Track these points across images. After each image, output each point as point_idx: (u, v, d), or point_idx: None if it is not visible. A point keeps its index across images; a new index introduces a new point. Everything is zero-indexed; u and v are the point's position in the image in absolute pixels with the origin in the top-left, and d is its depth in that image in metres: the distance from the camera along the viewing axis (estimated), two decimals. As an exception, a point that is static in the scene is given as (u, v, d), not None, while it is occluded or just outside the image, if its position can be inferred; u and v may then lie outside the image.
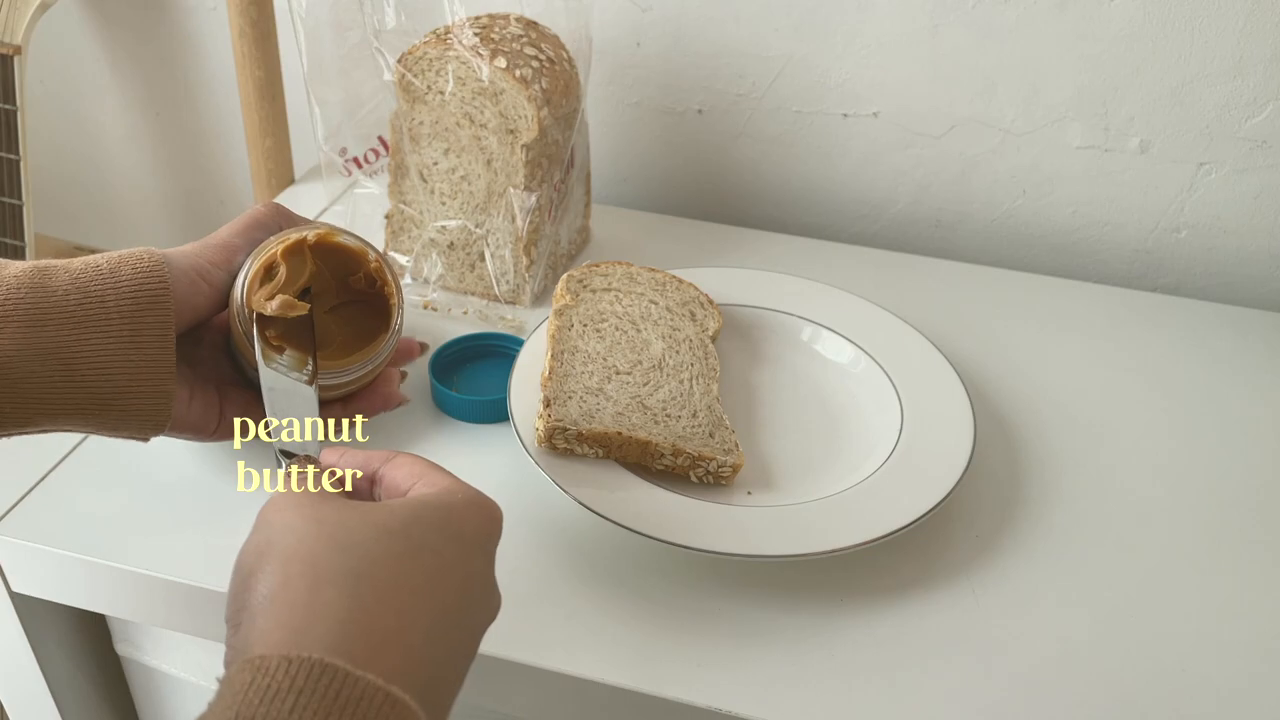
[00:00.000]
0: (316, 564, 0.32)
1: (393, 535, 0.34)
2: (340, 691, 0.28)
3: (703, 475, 0.59)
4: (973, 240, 0.91)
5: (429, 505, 0.36)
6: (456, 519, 0.36)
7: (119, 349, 0.43)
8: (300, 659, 0.28)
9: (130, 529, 0.58)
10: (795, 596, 0.55)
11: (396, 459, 0.40)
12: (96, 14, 1.04)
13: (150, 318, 0.44)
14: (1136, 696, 0.51)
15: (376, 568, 0.32)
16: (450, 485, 0.38)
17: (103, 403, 0.44)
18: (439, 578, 0.34)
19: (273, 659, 0.28)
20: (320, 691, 0.28)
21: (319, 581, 0.31)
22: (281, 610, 0.31)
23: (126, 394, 0.44)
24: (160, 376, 0.45)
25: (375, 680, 0.29)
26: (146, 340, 0.44)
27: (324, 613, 0.30)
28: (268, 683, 0.28)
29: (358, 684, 0.28)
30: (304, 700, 0.27)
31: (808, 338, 0.72)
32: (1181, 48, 0.78)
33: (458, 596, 0.34)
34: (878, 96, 0.86)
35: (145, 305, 0.44)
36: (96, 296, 0.43)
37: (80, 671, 0.68)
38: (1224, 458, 0.66)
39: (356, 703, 0.28)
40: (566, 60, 0.74)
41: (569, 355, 0.64)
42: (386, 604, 0.31)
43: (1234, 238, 0.85)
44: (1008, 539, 0.60)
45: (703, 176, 0.95)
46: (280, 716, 0.27)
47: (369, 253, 0.53)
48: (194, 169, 1.13)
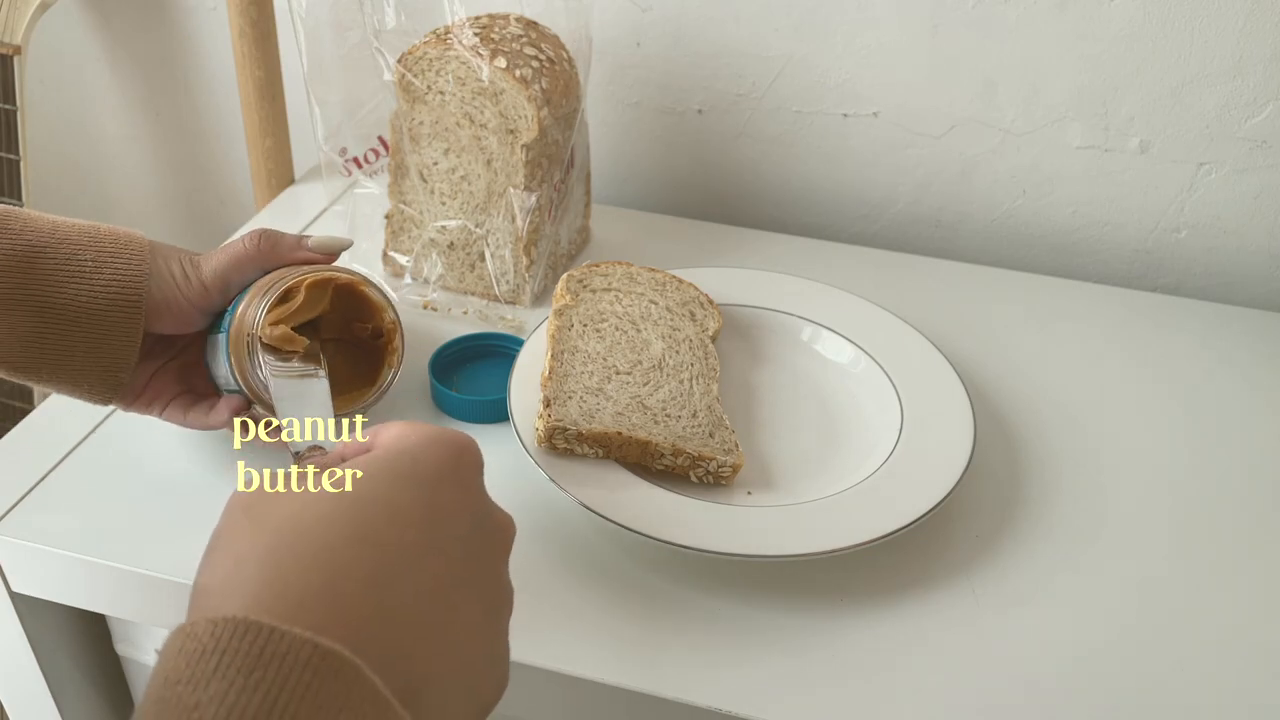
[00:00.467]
0: (236, 539, 0.32)
1: (321, 499, 0.32)
2: (265, 647, 0.27)
3: (703, 475, 0.59)
4: (973, 240, 0.91)
5: (375, 459, 0.35)
6: (408, 460, 0.35)
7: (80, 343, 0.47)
8: (223, 619, 0.27)
9: (130, 529, 0.58)
10: (795, 596, 0.55)
11: (384, 426, 0.39)
12: (96, 14, 1.04)
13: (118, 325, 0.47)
14: (1136, 696, 0.51)
15: (300, 529, 0.31)
16: (403, 427, 0.36)
17: (55, 380, 0.48)
18: (384, 524, 0.32)
19: (199, 623, 0.28)
20: (245, 649, 0.27)
21: (240, 556, 0.31)
22: (203, 592, 0.31)
23: (77, 380, 0.48)
24: (112, 371, 0.48)
25: (301, 633, 0.28)
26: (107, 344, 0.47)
27: (244, 577, 0.30)
28: (194, 646, 0.27)
29: (283, 638, 0.27)
30: (228, 659, 0.27)
31: (808, 338, 0.72)
32: (1181, 48, 0.78)
33: (415, 535, 0.33)
34: (878, 96, 0.86)
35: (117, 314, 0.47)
36: (71, 293, 0.46)
37: (80, 671, 0.68)
38: (1224, 457, 0.66)
39: (283, 657, 0.27)
40: (566, 60, 0.74)
41: (569, 355, 0.64)
42: (314, 560, 0.30)
43: (1234, 238, 0.85)
44: (1008, 539, 0.60)
45: (703, 176, 0.95)
46: (205, 676, 0.26)
47: (388, 311, 0.54)
48: (194, 169, 1.13)
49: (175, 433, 0.64)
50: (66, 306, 0.46)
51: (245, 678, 0.26)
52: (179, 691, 0.26)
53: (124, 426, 0.64)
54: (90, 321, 0.46)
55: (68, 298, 0.46)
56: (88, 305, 0.46)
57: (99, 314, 0.46)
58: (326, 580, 0.30)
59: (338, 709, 0.27)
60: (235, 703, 0.26)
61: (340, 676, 0.27)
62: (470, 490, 0.36)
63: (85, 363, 0.47)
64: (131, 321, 0.47)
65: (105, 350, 0.47)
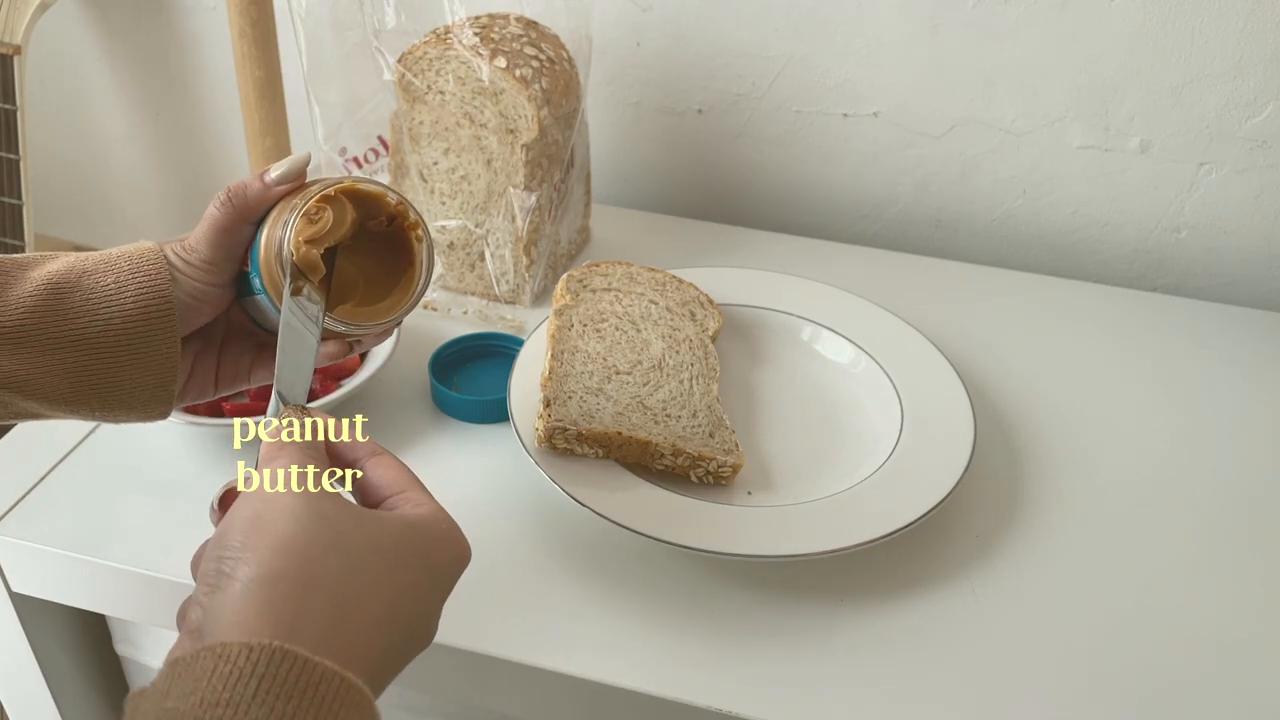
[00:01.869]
0: (312, 564, 0.33)
1: (381, 551, 0.36)
2: (300, 676, 0.30)
3: (703, 475, 0.59)
4: (973, 240, 0.91)
5: (415, 529, 0.38)
6: (434, 550, 0.38)
7: (127, 367, 0.46)
8: (262, 646, 0.30)
9: (130, 529, 0.58)
10: (795, 596, 0.55)
11: (380, 459, 0.42)
12: (96, 14, 1.04)
13: (156, 338, 0.47)
14: (1136, 695, 0.51)
15: (363, 580, 0.34)
16: (434, 513, 0.40)
17: (107, 408, 0.47)
18: (405, 598, 0.36)
19: (234, 646, 0.30)
20: (282, 676, 0.29)
21: (311, 584, 0.33)
22: (270, 600, 0.32)
23: (130, 403, 0.47)
24: (163, 385, 0.47)
25: (332, 665, 0.30)
26: (150, 360, 0.47)
27: (311, 614, 0.32)
28: (229, 669, 0.29)
29: (317, 669, 0.30)
30: (265, 684, 0.29)
31: (808, 338, 0.72)
32: (1181, 48, 0.78)
33: (414, 619, 0.37)
34: (878, 96, 0.86)
35: (154, 326, 0.47)
36: (104, 319, 0.46)
37: (80, 671, 0.68)
38: (1224, 457, 0.66)
39: (315, 686, 0.30)
40: (566, 60, 0.74)
41: (569, 355, 0.64)
42: (363, 614, 0.34)
43: (1234, 238, 0.85)
44: (1008, 539, 0.60)
45: (703, 176, 0.95)
46: (244, 700, 0.29)
47: (388, 195, 0.51)
48: (194, 169, 1.13)
49: (175, 433, 0.64)
50: (101, 334, 0.46)
51: (285, 704, 0.29)
52: (219, 714, 0.28)
53: (124, 426, 0.64)
54: (129, 342, 0.46)
55: (100, 325, 0.46)
56: (123, 327, 0.46)
57: (136, 332, 0.46)
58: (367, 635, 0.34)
59: None
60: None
61: (359, 709, 0.31)
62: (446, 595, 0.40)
63: (134, 384, 0.47)
64: (168, 331, 0.47)
65: (150, 365, 0.47)
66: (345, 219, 0.48)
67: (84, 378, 0.46)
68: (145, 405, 0.48)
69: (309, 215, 0.47)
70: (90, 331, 0.45)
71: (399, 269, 0.51)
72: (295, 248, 0.46)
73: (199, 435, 0.64)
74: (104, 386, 0.46)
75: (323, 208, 0.47)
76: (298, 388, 0.44)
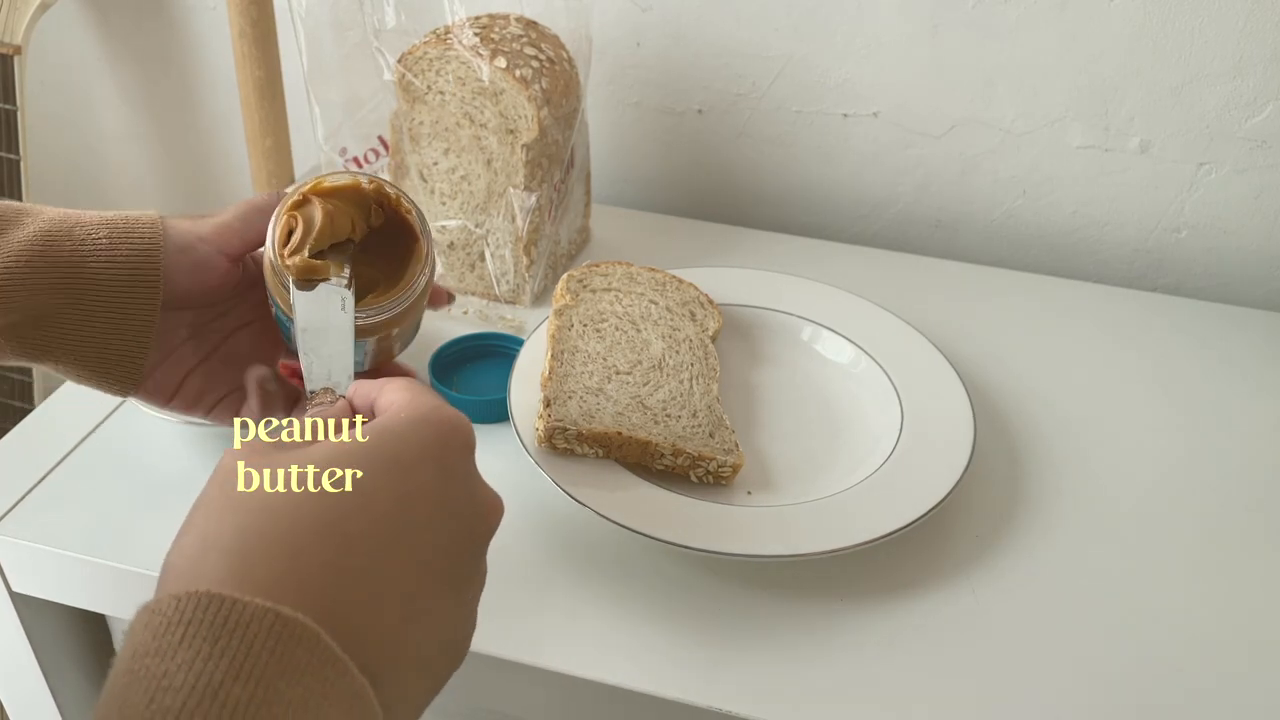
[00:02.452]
0: (207, 519, 0.32)
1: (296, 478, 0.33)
2: (230, 617, 0.28)
3: (703, 475, 0.59)
4: (973, 240, 0.91)
5: (360, 446, 0.34)
6: (390, 442, 0.34)
7: (102, 321, 0.47)
8: (186, 594, 0.29)
9: (130, 529, 0.58)
10: (795, 596, 0.55)
11: (389, 384, 0.39)
12: (96, 14, 1.04)
13: (139, 300, 0.47)
14: (1136, 696, 0.51)
15: (271, 513, 0.31)
16: (399, 405, 0.36)
17: (74, 362, 0.48)
18: (354, 515, 0.32)
19: (164, 599, 0.29)
20: (209, 620, 0.28)
21: (208, 536, 0.31)
22: (170, 570, 0.31)
23: (98, 363, 0.48)
24: (135, 349, 0.48)
25: (262, 602, 0.29)
26: (127, 319, 0.47)
27: (210, 559, 0.31)
28: (159, 620, 0.28)
29: (245, 608, 0.28)
30: (193, 629, 0.28)
31: (808, 338, 0.72)
32: (1181, 48, 0.78)
33: (385, 528, 0.33)
34: (878, 96, 0.86)
35: (137, 287, 0.47)
36: (92, 273, 0.46)
37: (80, 671, 0.68)
38: (1224, 457, 0.66)
39: (246, 625, 0.28)
40: (566, 60, 0.74)
41: (569, 355, 0.64)
42: (280, 546, 0.31)
43: (1234, 238, 0.85)
44: (1008, 539, 0.60)
45: (703, 176, 0.95)
46: (171, 646, 0.27)
47: (359, 181, 0.50)
48: (194, 169, 1.13)
49: (175, 432, 0.64)
50: (88, 283, 0.46)
51: (210, 645, 0.27)
52: (147, 663, 0.27)
53: (124, 426, 0.64)
54: (111, 296, 0.47)
55: (89, 275, 0.46)
56: (109, 281, 0.46)
57: (121, 288, 0.47)
58: (289, 568, 0.31)
59: (300, 671, 0.28)
60: (203, 669, 0.27)
61: (302, 642, 0.28)
62: (452, 476, 0.36)
63: (105, 342, 0.47)
64: (150, 291, 0.47)
65: (125, 326, 0.47)
66: (335, 218, 0.48)
67: (58, 324, 0.46)
68: (110, 370, 0.48)
69: (286, 226, 0.47)
70: (77, 281, 0.46)
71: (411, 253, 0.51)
72: (281, 260, 0.46)
73: (199, 435, 0.64)
74: (75, 337, 0.47)
75: (293, 216, 0.47)
76: (336, 377, 0.44)
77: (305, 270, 0.46)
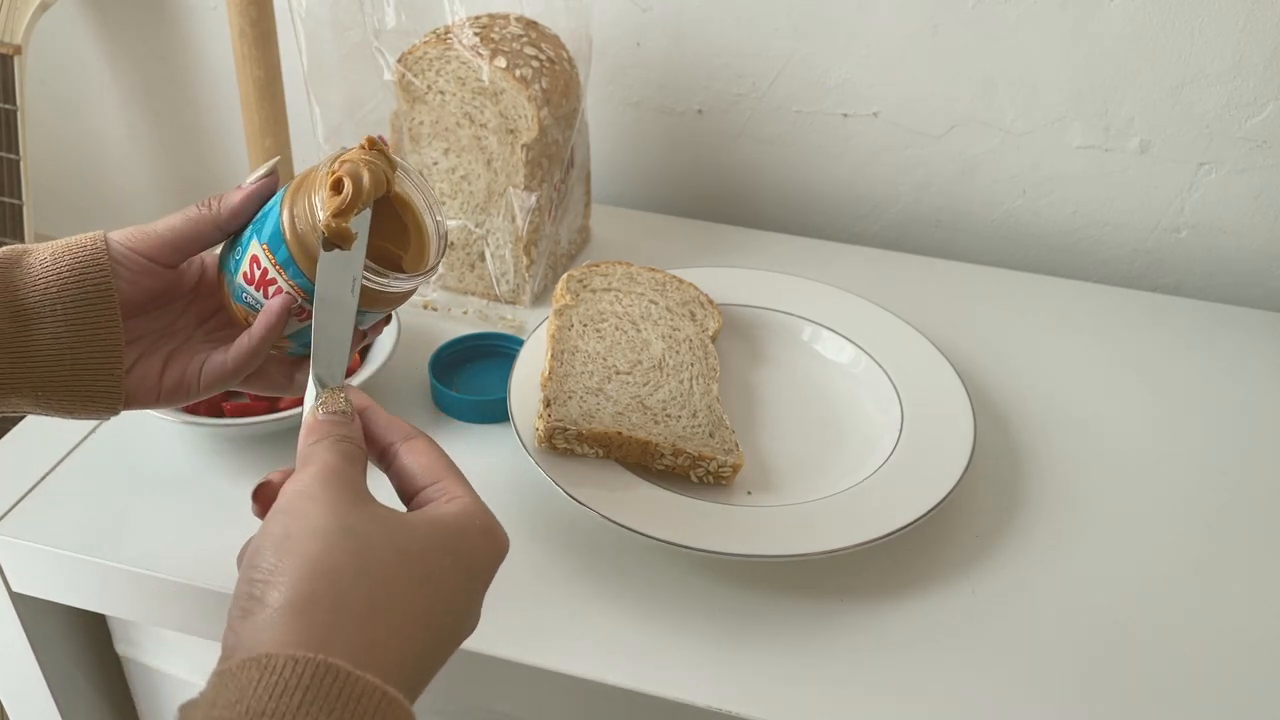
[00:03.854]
0: (341, 586, 0.34)
1: (411, 562, 0.36)
2: (344, 689, 0.31)
3: (703, 475, 0.59)
4: (973, 240, 0.91)
5: (447, 530, 0.38)
6: (467, 549, 0.39)
7: (67, 341, 0.46)
8: (306, 659, 0.31)
9: (130, 529, 0.58)
10: (795, 596, 0.55)
11: (414, 443, 0.42)
12: (96, 14, 1.04)
13: (95, 310, 0.47)
14: (1136, 695, 0.51)
15: (393, 595, 0.35)
16: (467, 507, 0.40)
17: (53, 387, 0.47)
18: (439, 601, 0.37)
19: (280, 657, 0.31)
20: (325, 689, 0.30)
21: (339, 604, 0.34)
22: (301, 625, 0.33)
23: (77, 387, 0.47)
24: (108, 364, 0.47)
25: (374, 680, 0.31)
26: (93, 334, 0.47)
27: (343, 635, 0.33)
28: (275, 680, 0.30)
29: (359, 682, 0.31)
30: (310, 696, 0.30)
31: (808, 338, 0.72)
32: (1181, 48, 0.78)
33: (450, 617, 0.38)
34: (878, 96, 0.86)
35: (89, 292, 0.47)
36: (41, 287, 0.46)
37: (80, 671, 0.68)
38: (1224, 457, 0.66)
39: (358, 700, 0.31)
40: (566, 60, 0.74)
41: (569, 355, 0.64)
42: (395, 628, 0.35)
43: (1234, 238, 0.85)
44: (1008, 539, 0.60)
45: (703, 176, 0.95)
46: (289, 710, 0.30)
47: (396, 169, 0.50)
48: (194, 169, 1.13)
49: (175, 432, 0.64)
50: (41, 299, 0.47)
51: (327, 716, 0.30)
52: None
53: (124, 426, 0.64)
54: (66, 310, 0.47)
55: (39, 292, 0.47)
56: (58, 295, 0.47)
57: (71, 296, 0.47)
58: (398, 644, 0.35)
59: None
60: None
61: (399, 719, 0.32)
62: (485, 588, 0.40)
63: (77, 361, 0.47)
64: (105, 300, 0.47)
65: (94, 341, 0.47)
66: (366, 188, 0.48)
67: (24, 353, 0.46)
68: (92, 390, 0.48)
69: (334, 187, 0.47)
70: (29, 300, 0.46)
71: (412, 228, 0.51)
72: (326, 221, 0.46)
73: (199, 435, 0.64)
74: (48, 364, 0.46)
75: (341, 179, 0.47)
76: (335, 366, 0.44)
77: (340, 235, 0.46)
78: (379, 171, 0.48)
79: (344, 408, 0.42)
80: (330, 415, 0.41)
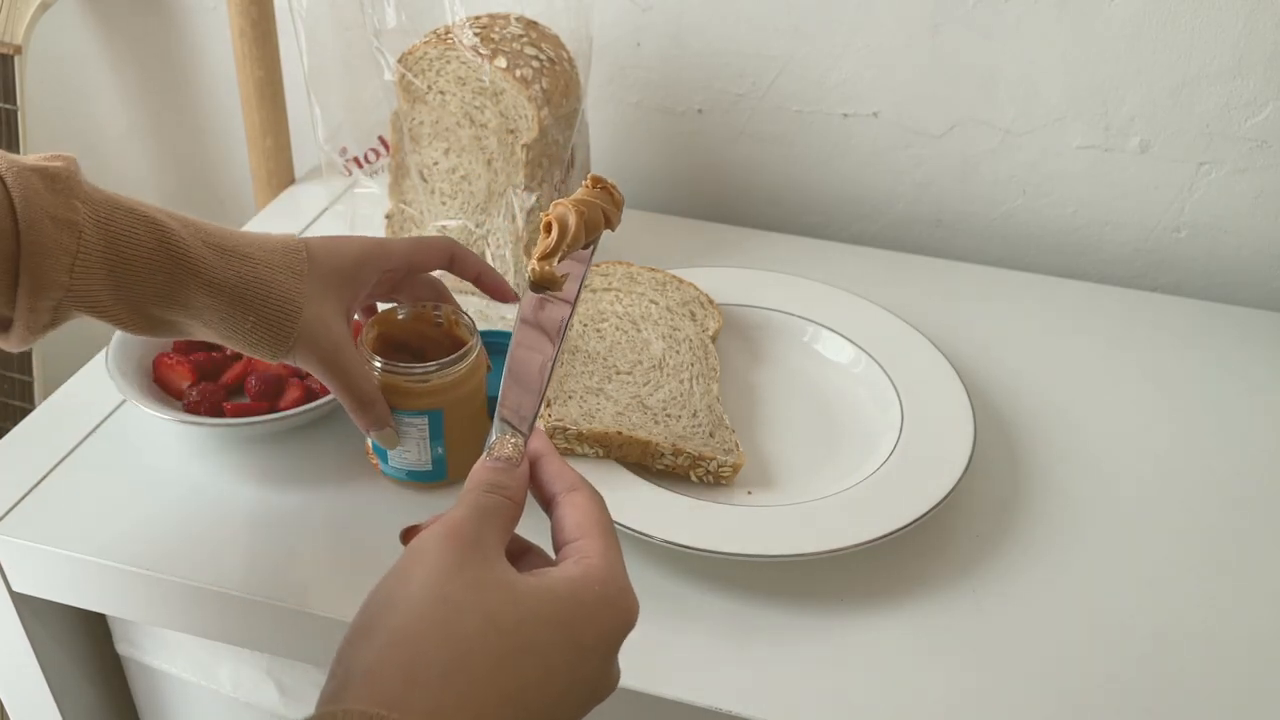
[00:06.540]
0: (417, 652, 0.33)
1: (502, 634, 0.34)
2: None
3: (703, 475, 0.59)
4: (973, 240, 0.91)
5: (557, 600, 0.36)
6: (581, 621, 0.36)
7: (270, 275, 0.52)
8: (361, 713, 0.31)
9: (130, 529, 0.58)
10: (795, 596, 0.55)
11: (574, 495, 0.41)
12: (96, 14, 1.04)
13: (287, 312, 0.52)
14: (1136, 695, 0.51)
15: (472, 666, 0.33)
16: (590, 571, 0.38)
17: (245, 304, 0.51)
18: (534, 673, 0.34)
19: (354, 714, 0.31)
20: None
21: (413, 674, 0.33)
22: (374, 689, 0.32)
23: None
24: (293, 301, 0.52)
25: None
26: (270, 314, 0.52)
27: (407, 703, 0.32)
28: None
29: None
30: None
31: (808, 338, 0.72)
32: (1181, 48, 0.78)
33: (550, 690, 0.35)
34: (878, 96, 0.86)
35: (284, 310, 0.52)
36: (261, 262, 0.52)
37: (80, 671, 0.68)
38: (1224, 457, 0.66)
39: None
40: (566, 60, 0.74)
41: (569, 355, 0.64)
42: (467, 699, 0.33)
43: (1234, 238, 0.85)
44: (1008, 539, 0.60)
45: (703, 176, 0.95)
46: None
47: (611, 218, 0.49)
48: (194, 169, 1.13)
49: (175, 432, 0.64)
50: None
51: None
52: None
53: (124, 426, 0.64)
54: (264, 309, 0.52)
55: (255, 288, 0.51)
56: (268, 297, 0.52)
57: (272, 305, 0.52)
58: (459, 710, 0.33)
59: None
60: None
61: None
62: (610, 660, 0.38)
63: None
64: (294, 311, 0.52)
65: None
66: (573, 231, 0.46)
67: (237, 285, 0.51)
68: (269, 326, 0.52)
69: (545, 228, 0.45)
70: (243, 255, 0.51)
71: None
72: (531, 265, 0.44)
73: (199, 435, 0.64)
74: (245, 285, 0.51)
75: (551, 222, 0.46)
76: (524, 410, 0.42)
77: (544, 278, 0.45)
78: (594, 212, 0.47)
79: (510, 454, 0.40)
80: (495, 462, 0.40)
